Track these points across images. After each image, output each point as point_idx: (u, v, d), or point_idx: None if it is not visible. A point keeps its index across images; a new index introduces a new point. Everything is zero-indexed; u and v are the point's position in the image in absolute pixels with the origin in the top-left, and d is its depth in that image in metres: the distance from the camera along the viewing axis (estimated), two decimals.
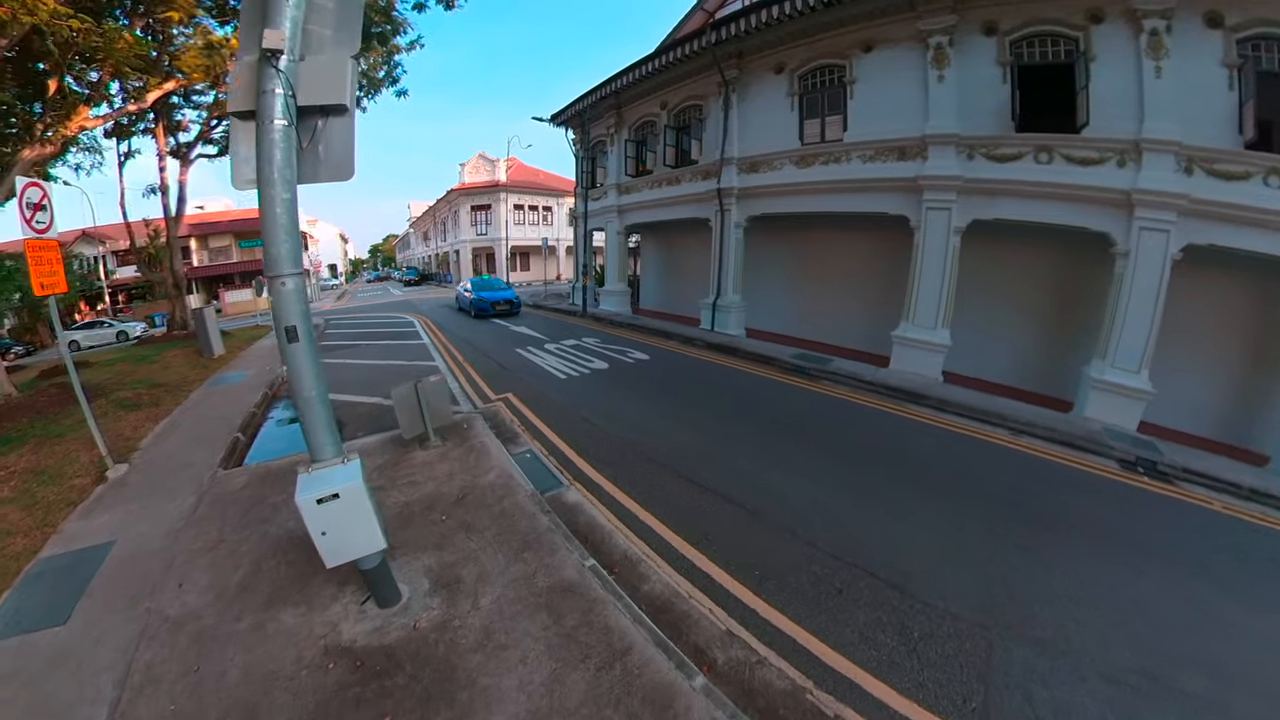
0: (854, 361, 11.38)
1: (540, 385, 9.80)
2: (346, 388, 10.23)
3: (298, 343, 2.97)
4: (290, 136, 2.77)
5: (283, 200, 2.78)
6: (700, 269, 16.65)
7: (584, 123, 21.52)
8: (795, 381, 10.31)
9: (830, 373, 10.52)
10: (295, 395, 3.14)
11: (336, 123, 3.05)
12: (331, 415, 3.29)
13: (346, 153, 3.11)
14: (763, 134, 13.32)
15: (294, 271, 3.01)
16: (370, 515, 3.17)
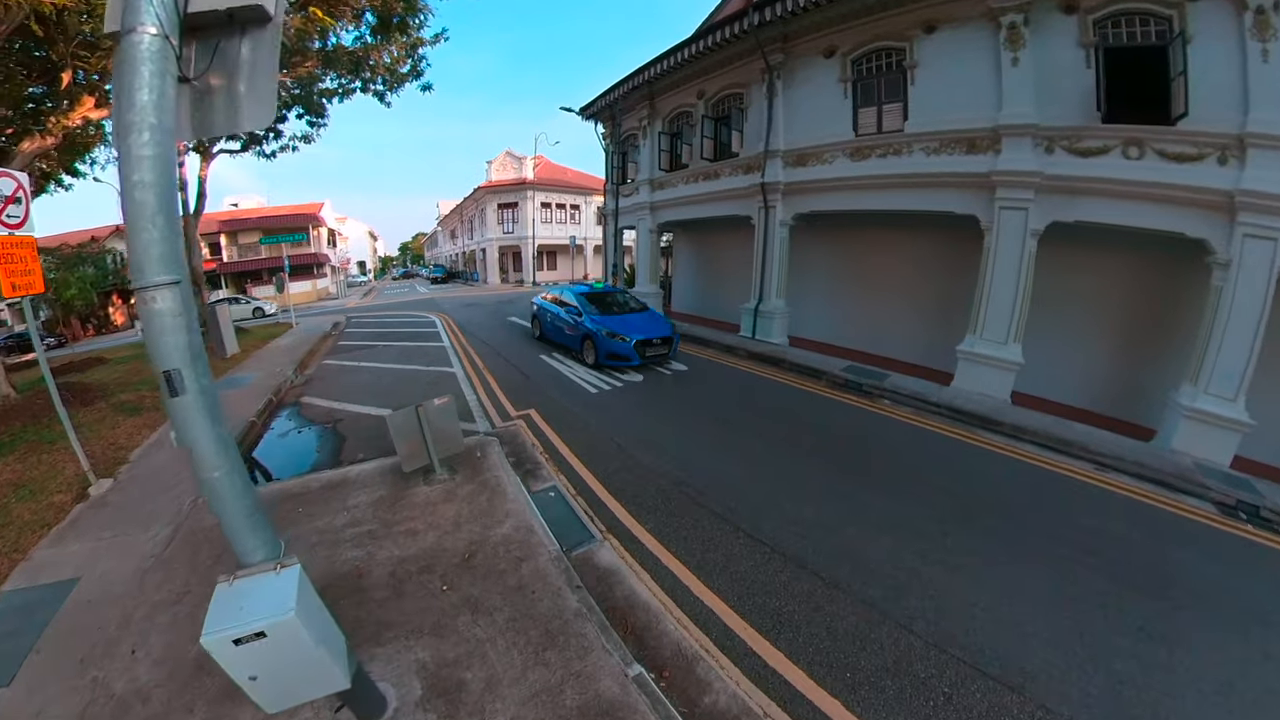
0: (911, 378, 10.15)
1: (567, 400, 8.79)
2: (355, 395, 9.39)
3: (184, 396, 1.94)
4: (167, 56, 1.75)
5: (151, 160, 1.76)
6: (738, 271, 15.65)
7: (614, 115, 20.49)
8: (851, 400, 9.11)
9: (888, 390, 9.35)
10: (196, 477, 2.13)
11: (253, 40, 1.99)
12: (255, 501, 2.24)
13: (266, 85, 2.06)
14: (811, 124, 12.08)
15: (169, 280, 2.00)
16: (318, 651, 2.13)
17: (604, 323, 10.98)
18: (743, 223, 14.31)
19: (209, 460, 2.02)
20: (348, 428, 7.82)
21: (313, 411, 8.76)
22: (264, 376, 10.86)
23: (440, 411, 5.20)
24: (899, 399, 9.08)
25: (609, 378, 10.08)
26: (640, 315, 11.85)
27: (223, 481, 2.05)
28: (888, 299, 12.51)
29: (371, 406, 8.62)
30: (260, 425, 8.22)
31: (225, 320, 12.84)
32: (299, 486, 5.60)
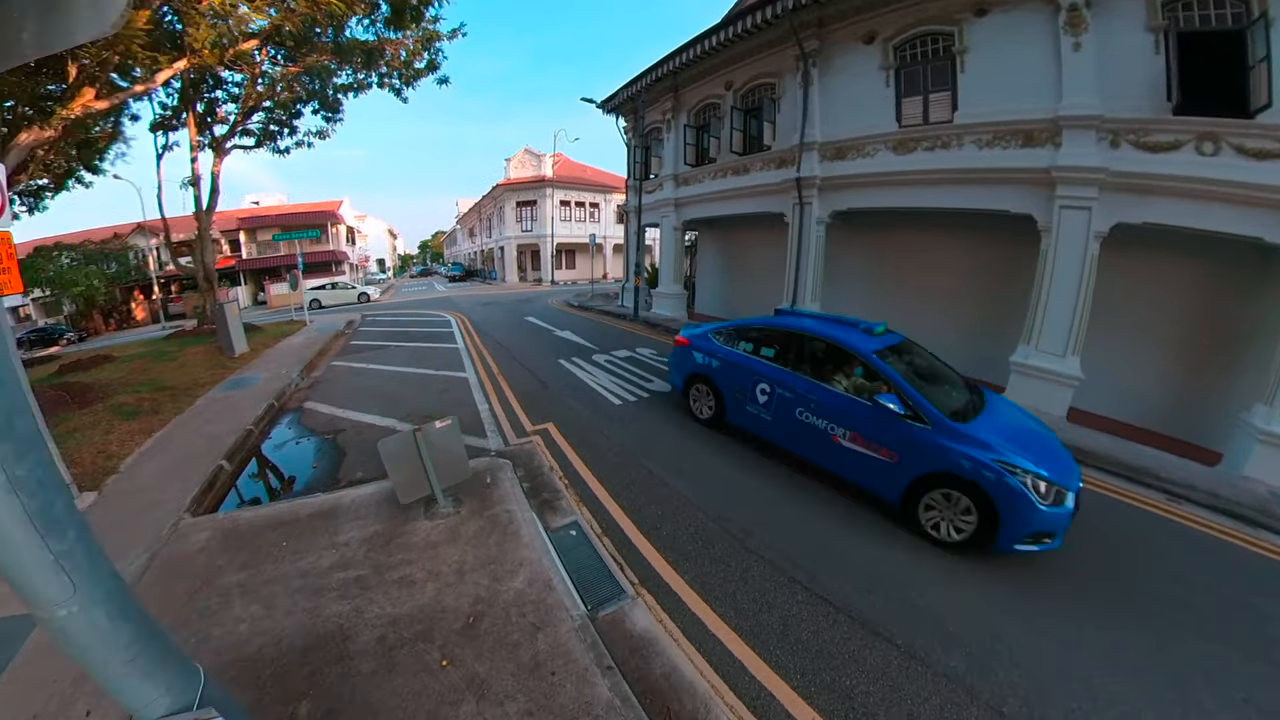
0: None
1: (589, 413, 8.04)
2: (360, 401, 8.75)
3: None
4: None
5: None
6: (767, 271, 14.78)
7: (637, 108, 19.70)
8: None
9: None
10: None
11: None
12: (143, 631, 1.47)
13: None
14: (850, 114, 11.20)
15: None
16: None
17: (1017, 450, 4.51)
18: (774, 220, 13.51)
19: (43, 593, 1.28)
20: (349, 439, 7.17)
21: (314, 419, 8.15)
22: (269, 379, 10.30)
23: (443, 436, 4.48)
24: None
25: (634, 387, 9.34)
26: (1006, 414, 5.45)
27: (77, 621, 1.32)
28: (930, 304, 11.60)
29: (376, 415, 7.98)
30: (259, 434, 7.63)
31: (234, 319, 12.34)
32: (288, 513, 4.93)
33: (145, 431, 7.65)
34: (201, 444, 7.08)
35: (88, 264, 33.01)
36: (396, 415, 7.92)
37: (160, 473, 6.25)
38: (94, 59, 9.53)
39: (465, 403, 8.55)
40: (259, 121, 18.02)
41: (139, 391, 9.52)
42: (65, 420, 8.11)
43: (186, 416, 8.31)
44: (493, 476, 5.36)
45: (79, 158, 17.32)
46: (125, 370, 11.35)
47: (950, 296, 11.23)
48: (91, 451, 6.87)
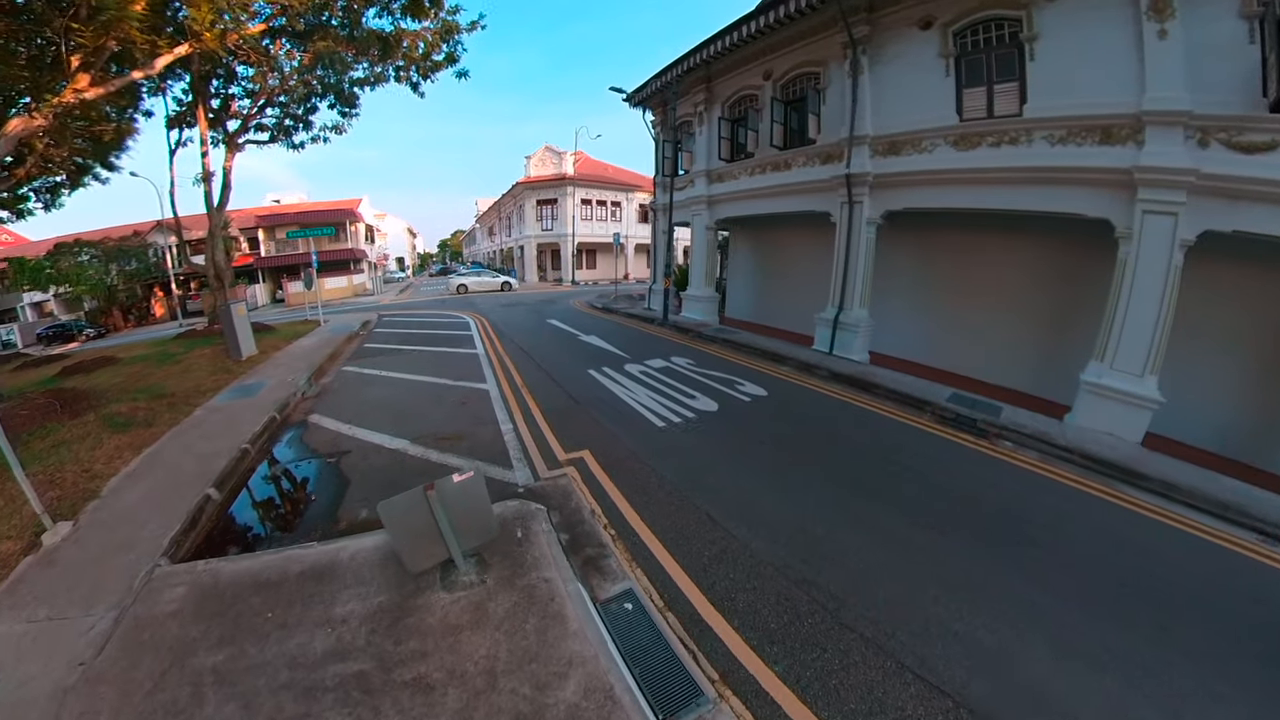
0: (1022, 409, 8.31)
1: (630, 438, 7.02)
2: (369, 416, 7.89)
3: None
4: None
5: None
6: (807, 274, 13.90)
7: (665, 101, 18.73)
8: (966, 440, 7.21)
9: (1006, 429, 7.50)
10: None
11: None
12: None
13: None
14: (905, 106, 10.24)
15: None
16: None
17: None
18: (817, 220, 12.51)
19: None
20: (354, 464, 6.29)
21: (318, 437, 7.29)
22: (273, 386, 9.49)
23: (462, 492, 3.52)
24: (1021, 440, 7.23)
25: (676, 406, 8.31)
26: None
27: None
28: (987, 314, 10.60)
29: (385, 434, 7.10)
30: (255, 455, 6.77)
31: (240, 321, 11.59)
32: (276, 570, 4.03)
33: (135, 447, 6.90)
34: (191, 466, 6.26)
35: (107, 261, 32.95)
36: (407, 435, 7.03)
37: (143, 500, 5.49)
38: (91, 43, 8.79)
39: (486, 420, 7.64)
40: (273, 116, 17.41)
41: (135, 399, 8.77)
42: (53, 432, 7.38)
43: (181, 430, 7.52)
44: (524, 529, 4.39)
45: (92, 154, 16.85)
46: (125, 374, 10.64)
47: (1005, 305, 10.23)
48: (75, 470, 6.17)
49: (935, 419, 7.91)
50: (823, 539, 4.64)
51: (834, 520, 4.95)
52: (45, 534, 4.78)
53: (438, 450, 6.54)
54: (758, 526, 4.82)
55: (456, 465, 6.10)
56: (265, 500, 5.74)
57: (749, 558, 4.36)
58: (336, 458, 6.50)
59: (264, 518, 5.35)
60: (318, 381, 10.20)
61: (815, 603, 3.82)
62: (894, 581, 4.07)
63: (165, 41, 9.54)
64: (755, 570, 4.20)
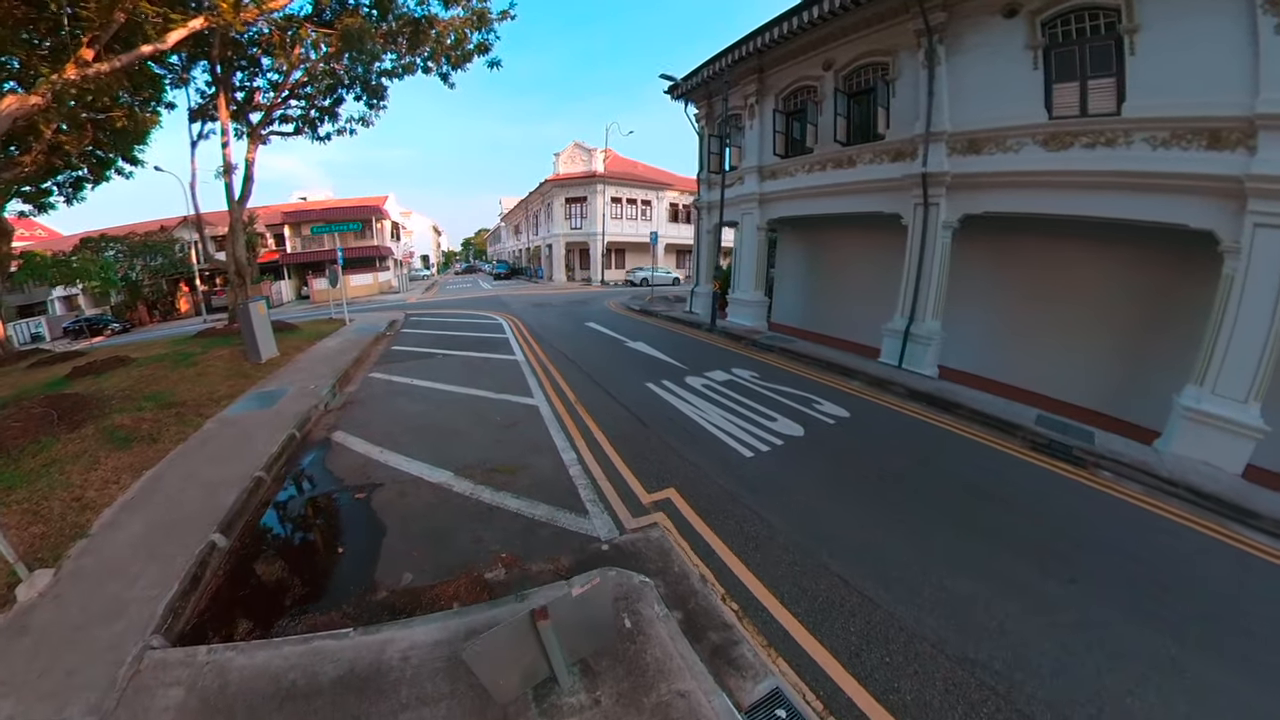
0: (1114, 435, 7.58)
1: (718, 471, 5.88)
2: (402, 436, 6.82)
3: None
4: None
5: None
6: (864, 280, 13.08)
7: (711, 94, 17.71)
8: (1066, 471, 6.44)
9: (1101, 456, 6.76)
10: None
11: None
12: None
13: None
14: (987, 101, 9.34)
15: None
16: None
17: None
18: (879, 222, 11.52)
19: None
20: (389, 503, 5.17)
21: (343, 462, 6.19)
22: (294, 396, 8.47)
23: (583, 606, 2.35)
24: (1120, 471, 6.49)
25: (756, 428, 7.15)
26: None
27: None
28: (1063, 327, 9.63)
29: (424, 463, 5.98)
30: (270, 485, 5.70)
31: (260, 320, 10.62)
32: (302, 670, 2.94)
33: (135, 468, 5.94)
34: (196, 498, 5.24)
35: (132, 256, 32.72)
36: (450, 464, 5.90)
37: (138, 543, 4.51)
38: (97, 17, 7.88)
39: (542, 446, 6.49)
40: (299, 107, 16.65)
41: (141, 408, 7.81)
42: (47, 447, 6.42)
43: (188, 448, 6.52)
44: (632, 615, 3.21)
45: (111, 146, 16.18)
46: (136, 377, 9.71)
47: (1083, 319, 9.35)
48: (65, 498, 5.21)
49: (1027, 445, 7.11)
50: (965, 599, 3.92)
51: (966, 573, 4.22)
52: (20, 585, 3.92)
53: (490, 487, 5.40)
54: (895, 586, 4.02)
55: (517, 510, 4.98)
56: (282, 549, 4.62)
57: (899, 632, 3.58)
58: (367, 492, 5.37)
59: (281, 577, 4.23)
60: (342, 390, 9.17)
61: (985, 687, 3.16)
62: (1053, 649, 3.50)
63: (179, 15, 8.64)
64: (911, 649, 3.44)
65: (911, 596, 3.89)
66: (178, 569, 4.14)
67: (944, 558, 4.38)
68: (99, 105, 10.98)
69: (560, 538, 4.57)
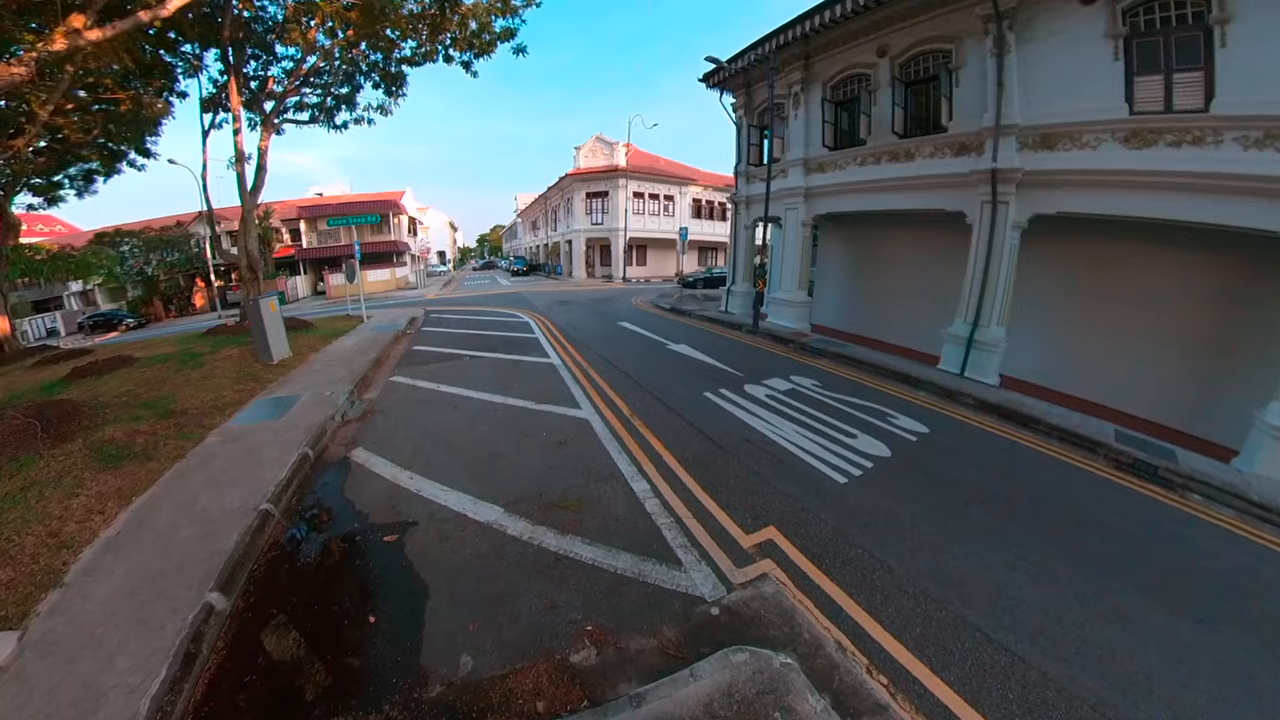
0: (1196, 454, 6.95)
1: (815, 502, 4.95)
2: (434, 457, 5.81)
3: None
4: None
5: None
6: (915, 281, 12.57)
7: (750, 82, 16.65)
8: (1157, 494, 5.87)
9: (1189, 478, 6.18)
10: None
11: None
12: None
13: None
14: (1061, 93, 8.65)
15: None
16: None
17: None
18: (937, 220, 10.92)
19: None
20: (428, 550, 4.14)
21: (366, 490, 5.18)
22: (308, 403, 7.51)
23: None
24: (1211, 494, 5.91)
25: (842, 450, 6.15)
26: None
27: None
28: (1131, 336, 9.09)
29: (466, 494, 4.95)
30: (278, 520, 4.71)
31: (271, 319, 9.69)
32: None
33: (124, 494, 5.05)
34: (191, 537, 4.29)
35: (147, 251, 32.22)
36: (498, 495, 4.88)
37: (120, 600, 3.63)
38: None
39: (604, 472, 5.44)
40: (315, 94, 15.84)
41: (138, 418, 6.90)
42: (27, 466, 5.54)
43: (186, 469, 5.59)
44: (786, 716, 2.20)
45: (120, 136, 15.44)
46: (137, 380, 8.83)
47: (1153, 327, 8.82)
48: (39, 533, 4.34)
49: (1112, 464, 6.55)
50: (1107, 649, 3.44)
51: (1099, 615, 3.74)
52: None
53: (552, 529, 4.37)
54: (1038, 639, 3.47)
55: (593, 561, 3.96)
56: (296, 615, 3.58)
57: (1058, 695, 3.05)
58: (399, 534, 4.35)
59: (297, 656, 3.21)
60: (361, 397, 8.21)
61: None
62: (1208, 706, 3.05)
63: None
64: (1075, 716, 2.92)
65: (1057, 649, 3.37)
66: (167, 642, 3.20)
67: (1074, 599, 3.87)
68: (99, 85, 10.09)
69: (655, 599, 3.57)
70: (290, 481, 5.21)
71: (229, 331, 12.91)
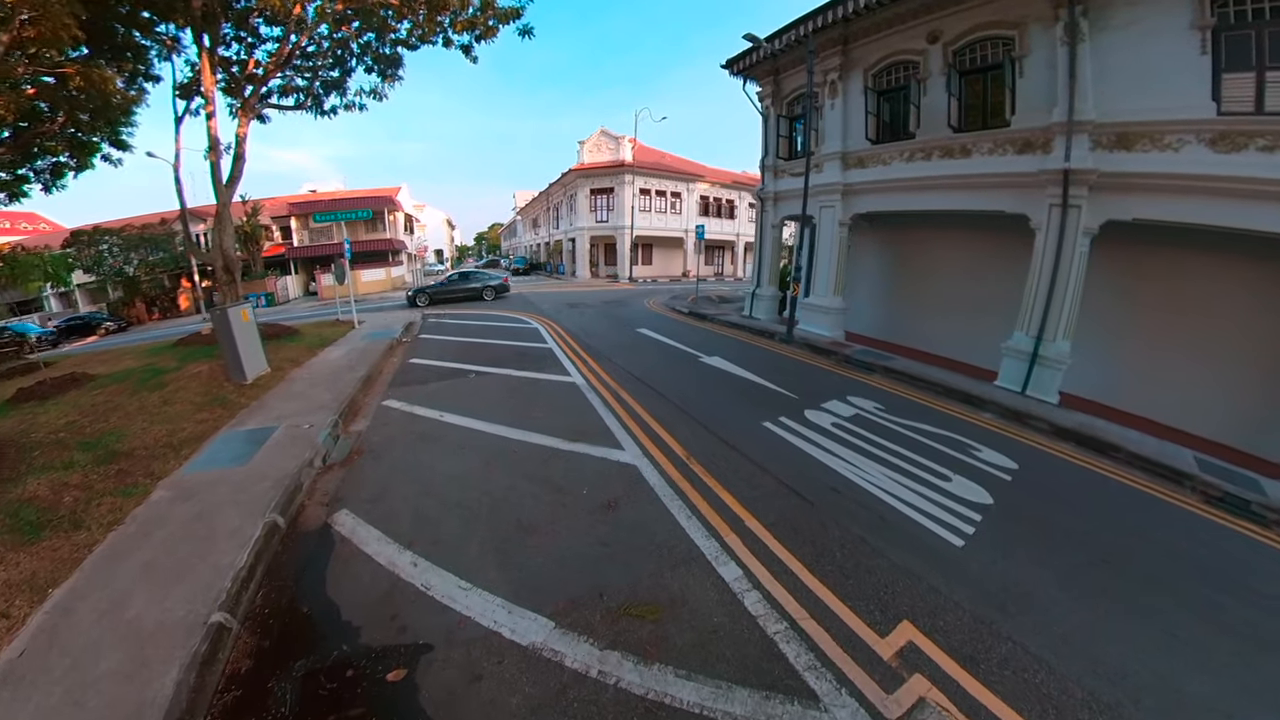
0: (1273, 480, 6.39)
1: (933, 575, 3.98)
2: (444, 528, 4.43)
3: None
4: None
5: None
6: (962, 288, 11.69)
7: (778, 69, 15.33)
8: (1255, 533, 5.22)
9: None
10: None
11: None
12: None
13: None
14: (1139, 88, 7.88)
15: None
16: None
17: None
18: (989, 223, 10.13)
19: None
20: (450, 696, 2.78)
21: (355, 583, 3.79)
22: (283, 440, 6.13)
23: None
24: None
25: (941, 498, 5.13)
26: None
27: None
28: (1202, 352, 8.46)
29: (494, 594, 3.57)
30: (238, 642, 3.34)
31: (244, 331, 8.27)
32: None
33: (38, 586, 3.90)
34: (116, 673, 3.05)
35: (127, 250, 30.67)
36: (541, 596, 3.51)
37: None
38: None
39: (678, 551, 4.09)
40: (302, 75, 14.41)
41: (72, 464, 5.55)
42: None
43: (120, 543, 4.25)
44: None
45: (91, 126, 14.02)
46: (85, 407, 7.46)
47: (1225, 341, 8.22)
48: None
49: (1201, 498, 5.93)
50: None
51: None
52: None
53: (631, 656, 3.03)
54: None
55: (699, 709, 2.64)
56: None
57: None
58: (407, 667, 2.97)
59: None
60: (348, 429, 6.85)
61: None
62: None
63: None
64: None
65: None
66: None
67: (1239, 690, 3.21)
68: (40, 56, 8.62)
69: None
70: (253, 570, 3.84)
71: (203, 341, 11.47)
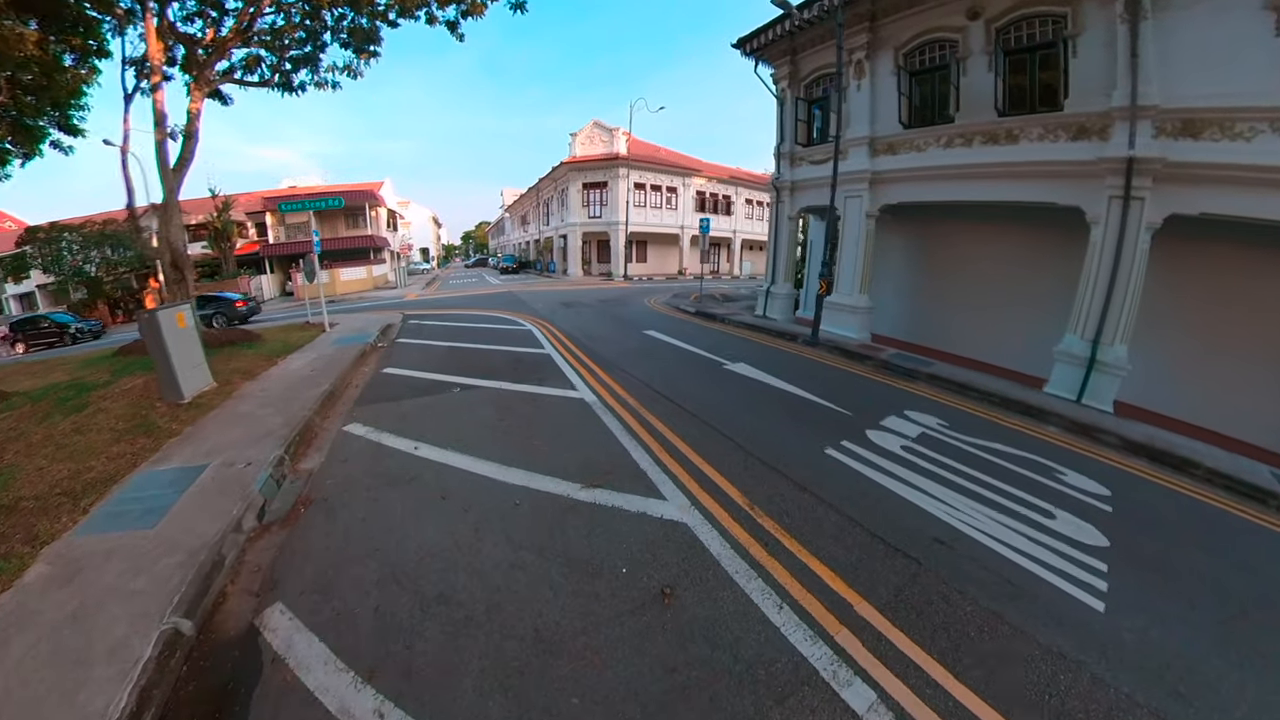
0: None
1: (1089, 657, 2.98)
2: (415, 651, 2.89)
3: None
4: None
5: None
6: (999, 287, 10.94)
7: (795, 49, 14.09)
8: None
9: None
10: None
11: None
12: None
13: None
14: (1206, 71, 7.23)
15: None
16: None
17: None
18: (1030, 215, 9.67)
19: None
20: None
21: None
22: (209, 487, 4.62)
23: None
24: None
25: (1047, 537, 4.26)
26: None
27: None
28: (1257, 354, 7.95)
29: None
30: None
31: (178, 340, 6.71)
32: None
33: None
34: None
35: (87, 247, 28.68)
36: None
37: None
38: None
39: (768, 661, 2.71)
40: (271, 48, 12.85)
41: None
42: None
43: None
44: None
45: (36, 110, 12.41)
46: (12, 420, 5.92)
47: None
48: None
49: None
50: None
51: None
52: None
53: None
54: None
55: None
56: None
57: None
58: None
59: None
60: (297, 468, 5.36)
61: None
62: None
63: None
64: None
65: None
66: None
67: None
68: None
69: None
70: None
71: (140, 351, 9.85)
